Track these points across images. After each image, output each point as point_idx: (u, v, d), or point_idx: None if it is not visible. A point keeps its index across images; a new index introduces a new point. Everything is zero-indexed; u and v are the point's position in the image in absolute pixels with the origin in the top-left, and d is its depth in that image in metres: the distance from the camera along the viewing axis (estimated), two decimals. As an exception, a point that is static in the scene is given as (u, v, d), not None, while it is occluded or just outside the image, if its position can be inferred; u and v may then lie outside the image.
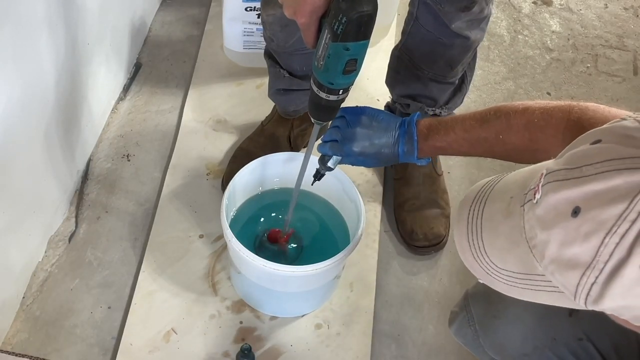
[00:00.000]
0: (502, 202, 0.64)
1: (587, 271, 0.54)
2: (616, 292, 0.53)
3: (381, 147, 1.04)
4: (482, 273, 0.65)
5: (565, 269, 0.55)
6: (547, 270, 0.57)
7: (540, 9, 2.14)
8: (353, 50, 0.88)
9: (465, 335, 0.99)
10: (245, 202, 1.39)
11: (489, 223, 0.64)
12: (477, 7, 1.23)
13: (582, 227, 0.54)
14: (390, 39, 1.84)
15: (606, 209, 0.53)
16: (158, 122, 1.69)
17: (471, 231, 0.66)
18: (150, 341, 1.30)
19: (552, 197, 0.57)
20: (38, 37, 1.26)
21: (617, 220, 0.52)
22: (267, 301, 1.34)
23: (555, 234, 0.56)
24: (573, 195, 0.55)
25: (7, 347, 1.29)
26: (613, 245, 0.52)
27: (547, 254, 0.57)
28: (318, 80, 0.95)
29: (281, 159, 1.37)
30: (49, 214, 1.44)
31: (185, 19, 1.95)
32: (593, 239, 0.53)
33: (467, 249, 0.66)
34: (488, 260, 0.64)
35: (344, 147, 1.05)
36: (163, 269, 1.40)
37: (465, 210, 0.67)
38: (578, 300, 0.56)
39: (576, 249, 0.54)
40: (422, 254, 1.47)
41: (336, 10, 0.86)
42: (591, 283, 0.54)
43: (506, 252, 0.62)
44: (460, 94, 1.45)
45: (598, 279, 0.53)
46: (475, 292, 0.97)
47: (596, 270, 0.53)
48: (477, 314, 0.95)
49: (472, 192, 0.69)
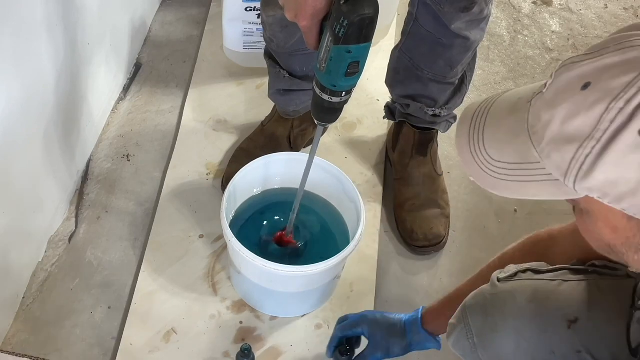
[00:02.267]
0: (510, 102, 0.66)
1: (585, 142, 0.55)
2: (609, 160, 0.55)
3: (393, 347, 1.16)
4: (475, 168, 0.67)
5: (563, 144, 0.57)
6: (544, 153, 0.60)
7: (540, 9, 2.14)
8: (355, 53, 0.89)
9: (464, 347, 0.98)
10: (245, 202, 1.40)
11: (493, 119, 0.67)
12: (477, 7, 1.23)
13: (589, 98, 0.55)
14: (390, 39, 1.84)
15: (617, 79, 0.54)
16: (158, 122, 1.69)
17: (474, 126, 0.68)
18: (150, 341, 1.30)
19: (565, 76, 0.59)
20: (38, 37, 1.26)
21: (626, 87, 0.54)
22: (267, 301, 1.34)
23: (560, 110, 0.58)
24: (585, 70, 0.57)
25: (7, 347, 1.29)
26: (616, 111, 0.54)
27: (547, 134, 0.59)
28: (320, 83, 0.95)
29: (281, 159, 1.37)
30: (49, 214, 1.44)
31: (185, 19, 1.95)
32: (598, 106, 0.55)
33: (465, 145, 0.68)
34: (484, 153, 0.66)
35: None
36: (163, 269, 1.40)
37: (470, 111, 0.70)
38: (568, 180, 0.58)
39: (579, 120, 0.56)
40: (422, 254, 1.47)
41: (338, 13, 0.86)
42: (586, 155, 0.56)
43: (505, 143, 0.64)
44: (460, 94, 1.45)
45: (594, 148, 0.55)
46: (473, 304, 0.96)
47: (594, 140, 0.55)
48: (475, 326, 0.95)
49: (477, 102, 0.71)
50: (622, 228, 0.61)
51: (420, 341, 1.14)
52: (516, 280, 0.94)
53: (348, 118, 1.68)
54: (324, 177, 1.36)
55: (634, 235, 0.61)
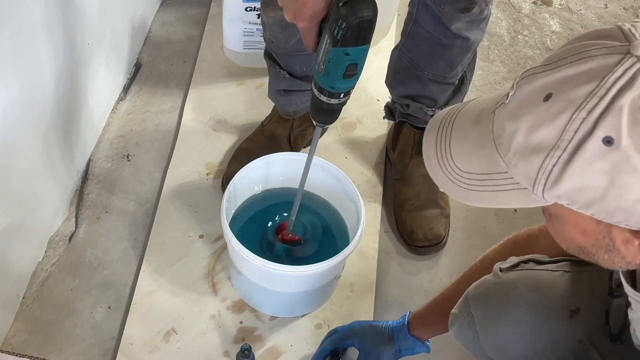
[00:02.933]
0: (474, 114, 0.67)
1: (550, 152, 0.57)
2: (576, 169, 0.56)
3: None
4: (445, 179, 0.67)
5: (529, 154, 0.59)
6: (511, 164, 0.61)
7: (540, 9, 2.15)
8: (353, 55, 0.89)
9: (466, 337, 0.99)
10: (245, 202, 1.40)
11: (458, 132, 0.68)
12: (477, 8, 1.23)
13: (552, 109, 0.57)
14: (390, 39, 1.84)
15: (578, 89, 0.56)
16: (158, 122, 1.69)
17: (440, 139, 0.69)
18: (150, 341, 1.30)
19: (526, 88, 0.61)
20: (37, 38, 1.26)
21: (587, 97, 0.55)
22: (267, 301, 1.34)
23: (524, 121, 0.59)
24: (546, 82, 0.59)
25: (7, 347, 1.29)
26: (579, 122, 0.55)
27: (513, 145, 0.60)
28: (319, 84, 0.95)
29: (281, 159, 1.37)
30: (49, 214, 1.44)
31: (185, 19, 1.95)
32: (561, 117, 0.56)
33: (433, 157, 0.69)
34: (452, 165, 0.67)
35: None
36: (163, 269, 1.40)
37: (436, 123, 0.71)
38: (536, 189, 0.59)
39: (543, 131, 0.57)
40: (422, 254, 1.47)
41: (336, 16, 0.86)
42: (553, 164, 0.57)
43: (472, 154, 0.65)
44: (460, 94, 1.45)
45: (560, 158, 0.57)
46: (475, 294, 0.97)
47: (559, 150, 0.56)
48: (478, 315, 0.95)
49: (443, 112, 0.72)
50: (591, 231, 0.62)
51: (409, 347, 1.15)
52: (518, 270, 0.95)
53: (348, 118, 1.68)
54: (324, 177, 1.36)
55: (603, 237, 0.62)
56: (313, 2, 0.88)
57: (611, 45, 0.57)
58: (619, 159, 0.55)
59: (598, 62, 0.56)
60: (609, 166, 0.55)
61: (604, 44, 0.58)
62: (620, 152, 0.54)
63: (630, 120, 0.54)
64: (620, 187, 0.55)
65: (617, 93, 0.55)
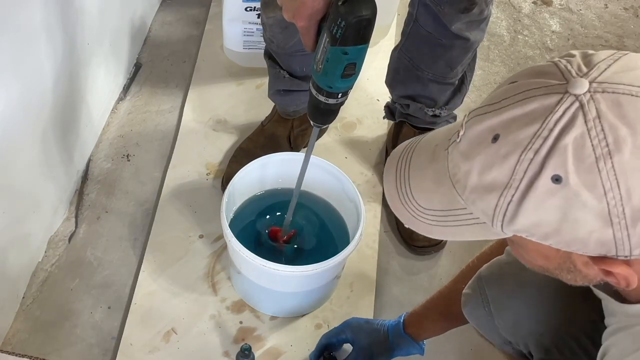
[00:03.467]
0: (428, 151, 0.70)
1: (504, 191, 0.59)
2: (530, 206, 0.58)
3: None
4: (408, 216, 0.70)
5: (485, 193, 0.61)
6: (469, 201, 0.63)
7: (540, 9, 2.14)
8: (352, 55, 0.89)
9: (479, 316, 1.00)
10: (245, 202, 1.40)
11: (416, 171, 0.70)
12: (477, 8, 1.23)
13: (500, 150, 0.59)
14: (390, 39, 1.84)
15: (522, 130, 0.58)
16: (158, 122, 1.69)
17: (399, 179, 0.71)
18: (150, 341, 1.30)
19: (475, 129, 0.63)
20: (37, 38, 1.26)
21: (532, 139, 0.58)
22: (267, 301, 1.34)
23: (476, 162, 0.61)
24: (493, 123, 0.61)
25: (7, 347, 1.29)
26: (527, 162, 0.58)
27: (469, 183, 0.62)
28: (317, 84, 0.95)
29: (281, 159, 1.37)
30: (48, 214, 1.44)
31: (185, 19, 1.95)
32: (510, 158, 0.59)
33: (395, 196, 0.71)
34: (414, 203, 0.69)
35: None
36: (163, 269, 1.40)
37: (393, 163, 0.73)
38: (495, 224, 0.62)
39: (495, 171, 0.60)
40: (422, 254, 1.47)
41: (335, 15, 0.86)
42: (508, 202, 0.59)
43: (431, 192, 0.68)
44: (460, 95, 1.45)
45: (514, 197, 0.59)
46: (489, 274, 0.98)
47: (512, 189, 0.59)
48: (491, 294, 0.97)
49: (398, 149, 0.74)
50: (552, 257, 0.65)
51: (403, 346, 1.15)
52: None
53: (348, 118, 1.68)
54: (324, 177, 1.36)
55: (564, 261, 0.64)
56: (312, 1, 0.88)
57: (549, 84, 0.59)
58: (569, 195, 0.57)
59: (539, 102, 0.58)
60: (560, 202, 0.57)
61: (543, 83, 0.60)
62: (569, 189, 0.57)
63: (575, 158, 0.56)
64: (574, 221, 0.58)
65: (560, 133, 0.57)
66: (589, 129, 0.56)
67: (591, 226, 0.57)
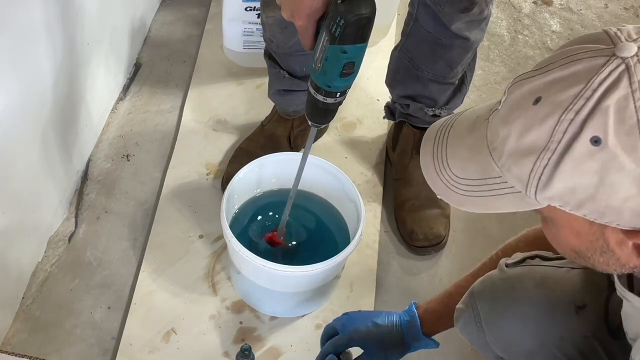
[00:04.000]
0: (469, 122, 0.70)
1: (541, 154, 0.59)
2: (566, 169, 0.58)
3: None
4: (442, 186, 0.69)
5: (521, 157, 0.60)
6: (505, 168, 0.62)
7: (541, 8, 2.14)
8: (351, 53, 0.89)
9: (471, 332, 0.99)
10: (245, 202, 1.39)
11: (454, 139, 0.70)
12: (477, 8, 1.23)
13: (540, 111, 0.59)
14: (390, 39, 1.84)
15: (565, 92, 0.58)
16: (158, 122, 1.69)
17: (437, 146, 0.71)
18: (150, 341, 1.30)
19: (516, 93, 0.62)
20: (36, 38, 1.26)
21: (574, 99, 0.57)
22: (267, 301, 1.34)
23: (515, 126, 0.61)
24: (535, 86, 0.61)
25: (7, 347, 1.29)
26: (567, 123, 0.57)
27: (506, 149, 0.62)
28: (315, 83, 0.95)
29: (281, 159, 1.37)
30: (48, 214, 1.44)
31: (185, 19, 1.95)
32: (550, 119, 0.58)
33: (430, 164, 0.71)
34: (449, 172, 0.68)
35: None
36: (163, 269, 1.40)
37: (433, 131, 0.73)
38: (529, 191, 0.61)
39: (533, 134, 0.59)
40: (422, 254, 1.47)
41: (334, 13, 0.86)
42: (544, 166, 0.59)
43: (467, 161, 0.67)
44: (460, 94, 1.45)
45: (550, 159, 0.58)
46: (481, 289, 0.97)
47: (549, 152, 0.58)
48: (483, 311, 0.96)
49: (439, 122, 0.74)
50: (584, 233, 0.63)
51: (420, 345, 1.11)
52: (524, 266, 0.95)
53: (348, 118, 1.68)
54: (324, 177, 1.36)
55: (596, 238, 0.63)
56: (310, 0, 0.88)
57: (597, 48, 0.59)
58: (607, 158, 0.56)
59: (584, 64, 0.58)
60: (597, 165, 0.56)
61: (591, 48, 0.59)
62: (607, 152, 0.56)
63: (616, 120, 0.56)
64: (610, 186, 0.57)
65: (603, 94, 0.56)
66: (633, 91, 0.56)
67: (627, 192, 0.57)
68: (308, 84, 0.97)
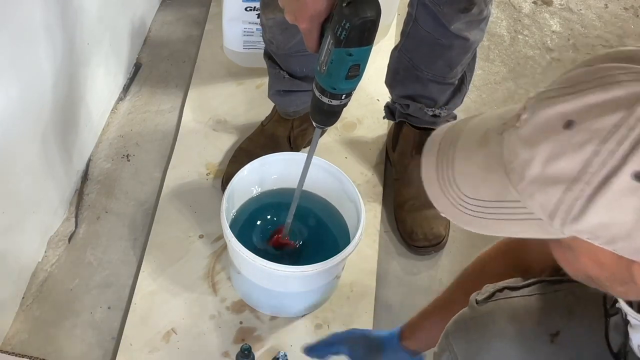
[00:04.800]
0: (478, 134, 0.63)
1: (572, 185, 0.53)
2: (601, 204, 0.52)
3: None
4: (447, 204, 0.63)
5: (547, 185, 0.54)
6: (525, 193, 0.57)
7: (541, 9, 2.14)
8: (356, 56, 0.88)
9: None
10: (245, 203, 1.39)
11: (463, 153, 0.63)
12: (476, 8, 1.23)
13: (574, 138, 0.53)
14: (390, 39, 1.84)
15: (604, 118, 0.52)
16: (158, 122, 1.69)
17: (442, 162, 0.64)
18: (150, 341, 1.30)
19: (543, 113, 0.56)
20: (36, 38, 1.26)
21: (614, 128, 0.51)
22: (267, 301, 1.34)
23: (541, 150, 0.55)
24: (567, 108, 0.54)
25: (7, 347, 1.29)
26: (606, 153, 0.51)
27: (528, 173, 0.56)
28: (320, 85, 0.95)
29: (281, 159, 1.37)
30: (48, 214, 1.44)
31: (185, 19, 1.95)
32: (586, 148, 0.52)
33: (434, 180, 0.65)
34: (457, 191, 0.62)
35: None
36: (163, 269, 1.40)
37: (435, 143, 0.67)
38: (555, 221, 0.55)
39: (564, 162, 0.53)
40: (422, 254, 1.47)
41: (339, 16, 0.85)
42: (575, 198, 0.53)
43: (479, 180, 0.61)
44: (460, 94, 1.45)
45: (584, 192, 0.52)
46: (454, 330, 0.94)
47: (583, 183, 0.52)
48: (460, 353, 0.93)
49: (440, 131, 0.68)
50: (608, 264, 0.59)
51: (399, 358, 1.11)
52: (494, 301, 0.91)
53: (348, 118, 1.68)
54: (324, 177, 1.36)
55: (620, 271, 0.59)
56: (314, 3, 0.88)
57: (638, 70, 0.54)
58: None
59: (626, 89, 0.52)
60: (638, 203, 0.51)
61: (630, 69, 0.54)
62: None
63: None
64: None
65: None
66: None
67: None
68: (313, 86, 0.97)
